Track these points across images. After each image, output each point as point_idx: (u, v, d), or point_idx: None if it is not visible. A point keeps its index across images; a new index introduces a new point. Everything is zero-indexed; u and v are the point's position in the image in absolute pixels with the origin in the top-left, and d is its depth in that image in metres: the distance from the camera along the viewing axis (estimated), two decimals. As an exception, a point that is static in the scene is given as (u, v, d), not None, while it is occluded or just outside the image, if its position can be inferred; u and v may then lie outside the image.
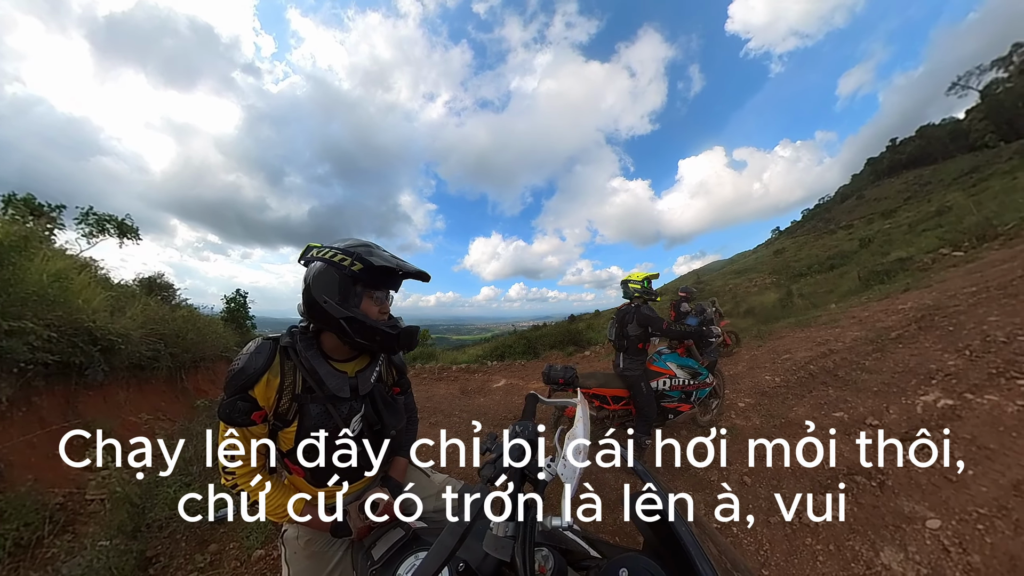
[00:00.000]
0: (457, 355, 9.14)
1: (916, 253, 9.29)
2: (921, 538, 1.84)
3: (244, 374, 0.86)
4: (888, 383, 3.48)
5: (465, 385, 6.30)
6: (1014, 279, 5.02)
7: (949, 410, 2.79)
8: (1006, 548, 1.70)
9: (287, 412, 0.91)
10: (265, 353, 0.89)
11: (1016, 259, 5.95)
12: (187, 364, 5.04)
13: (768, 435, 3.10)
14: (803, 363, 4.53)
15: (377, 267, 0.88)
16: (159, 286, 7.36)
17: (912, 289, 6.79)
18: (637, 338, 2.91)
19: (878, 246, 14.99)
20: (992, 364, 3.20)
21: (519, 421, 0.76)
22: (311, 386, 0.91)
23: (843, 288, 9.53)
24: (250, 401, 0.87)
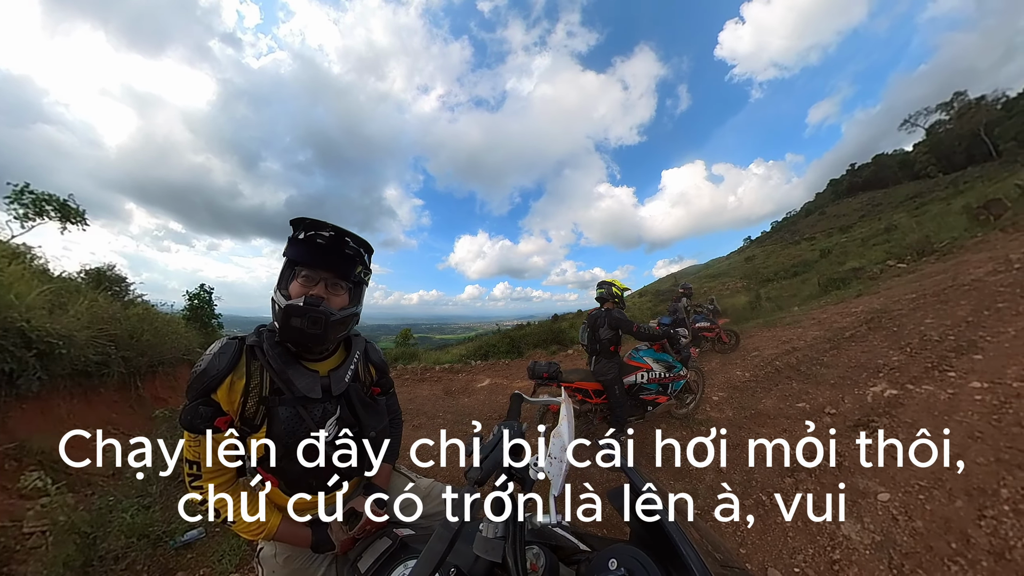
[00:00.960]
0: (440, 355, 8.97)
1: (867, 264, 10.29)
2: (874, 510, 2.03)
3: (206, 376, 0.79)
4: (843, 376, 3.82)
5: (449, 385, 6.21)
6: (946, 288, 5.65)
7: (894, 399, 3.10)
8: (942, 513, 1.91)
9: (254, 416, 0.83)
10: (229, 353, 0.82)
11: (948, 272, 6.70)
12: (143, 369, 4.42)
13: (740, 425, 3.30)
14: (770, 359, 4.85)
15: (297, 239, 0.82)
16: (110, 279, 6.36)
17: (863, 295, 7.48)
18: (609, 341, 3.02)
19: (836, 257, 16.48)
20: (928, 359, 3.61)
21: (505, 421, 0.75)
22: (279, 387, 0.84)
23: (805, 293, 10.34)
24: (213, 406, 0.80)
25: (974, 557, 1.65)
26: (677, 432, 3.33)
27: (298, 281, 0.83)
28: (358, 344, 1.02)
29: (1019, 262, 5.46)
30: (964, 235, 8.91)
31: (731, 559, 0.58)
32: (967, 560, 1.64)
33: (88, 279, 6.05)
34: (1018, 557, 1.60)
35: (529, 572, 0.53)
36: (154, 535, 2.21)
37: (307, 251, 0.82)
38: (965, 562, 1.64)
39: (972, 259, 6.96)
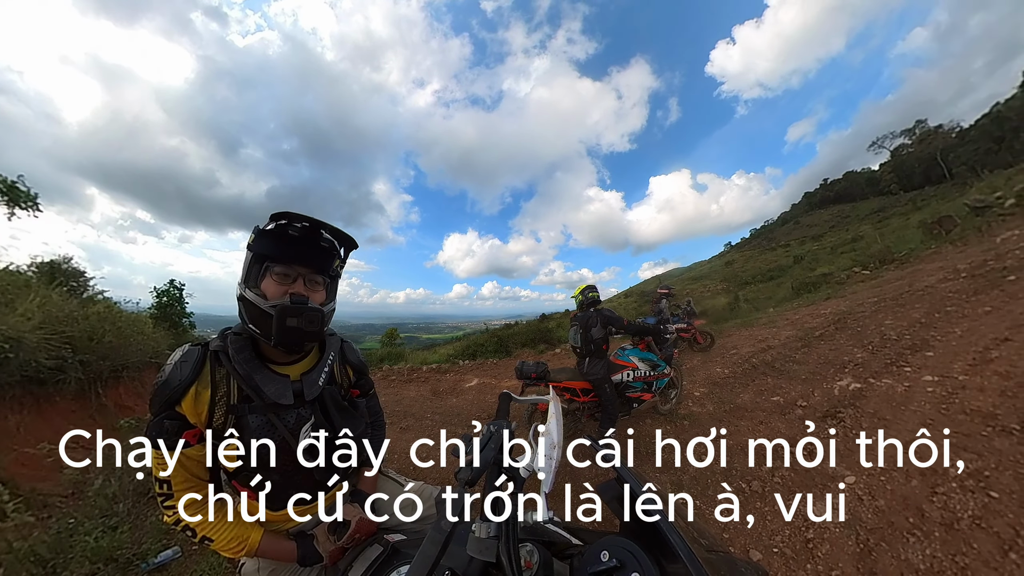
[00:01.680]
0: (427, 355, 8.81)
1: (835, 270, 10.99)
2: (840, 491, 2.17)
3: (168, 387, 0.74)
4: (813, 372, 4.07)
5: (436, 386, 6.14)
6: (903, 293, 6.13)
7: (858, 391, 3.34)
8: (901, 492, 2.07)
9: (224, 427, 0.78)
10: (191, 361, 0.77)
11: (905, 279, 7.26)
12: (105, 375, 3.96)
13: (720, 419, 3.44)
14: (747, 357, 5.11)
15: (263, 231, 0.75)
16: (66, 273, 5.68)
17: (832, 298, 7.99)
18: (601, 340, 3.08)
19: (808, 263, 17.54)
20: (887, 356, 3.91)
21: (493, 420, 0.74)
22: (248, 394, 0.79)
23: (779, 295, 10.97)
24: (178, 419, 0.75)
25: (928, 529, 1.80)
26: (662, 427, 3.44)
27: (273, 278, 0.77)
28: (332, 344, 0.95)
29: (966, 272, 5.98)
30: (920, 247, 9.69)
31: (715, 544, 0.61)
32: (923, 532, 1.80)
33: (40, 273, 5.44)
34: (964, 527, 1.77)
35: (523, 570, 0.53)
36: (123, 558, 2.02)
37: (280, 245, 0.76)
38: (921, 534, 1.79)
39: (926, 268, 7.57)
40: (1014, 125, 31.62)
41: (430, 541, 0.48)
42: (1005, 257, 5.86)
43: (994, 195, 9.73)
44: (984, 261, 6.10)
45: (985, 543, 1.67)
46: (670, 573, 0.48)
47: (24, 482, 2.60)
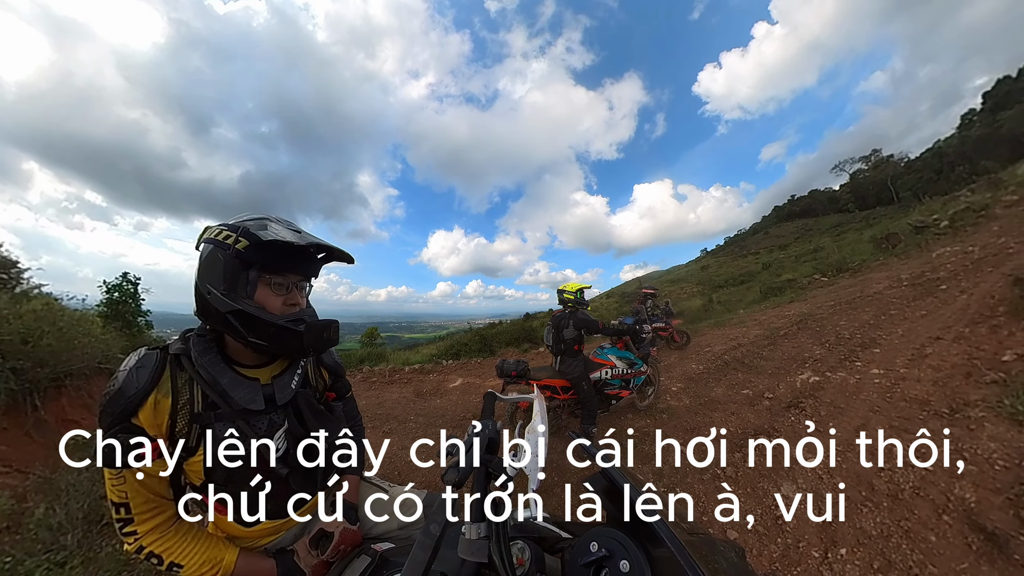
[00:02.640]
0: (410, 355, 8.60)
1: (799, 276, 11.95)
2: (805, 473, 2.37)
3: (123, 397, 0.66)
4: (778, 367, 4.39)
5: (419, 387, 6.03)
6: (856, 298, 6.74)
7: (817, 384, 3.64)
8: (856, 470, 2.30)
9: (188, 438, 0.72)
10: (149, 367, 0.70)
11: (857, 285, 7.98)
12: (43, 384, 3.38)
13: (696, 411, 3.63)
14: (720, 354, 5.40)
15: (266, 243, 0.69)
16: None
17: (795, 301, 8.63)
18: (573, 341, 3.12)
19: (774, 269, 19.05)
20: (842, 353, 4.30)
21: (479, 420, 0.73)
22: (214, 401, 0.74)
23: (749, 298, 11.70)
24: (136, 432, 0.67)
25: (878, 500, 2.02)
26: (642, 421, 3.58)
27: (270, 289, 0.75)
28: None
29: (907, 281, 6.68)
30: (870, 258, 10.70)
31: (696, 527, 0.63)
32: (873, 503, 2.01)
33: None
34: (907, 497, 2.00)
35: (516, 567, 0.53)
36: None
37: (274, 253, 0.73)
38: (872, 504, 2.00)
39: (875, 277, 8.35)
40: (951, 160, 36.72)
41: (419, 547, 0.46)
42: (939, 269, 6.60)
43: (932, 217, 11.00)
44: (922, 272, 6.83)
45: (924, 509, 1.89)
46: (656, 558, 0.50)
47: None
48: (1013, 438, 2.21)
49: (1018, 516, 1.72)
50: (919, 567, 1.61)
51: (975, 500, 1.86)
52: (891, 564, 1.65)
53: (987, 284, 4.86)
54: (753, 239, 64.64)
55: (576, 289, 3.28)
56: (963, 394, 2.79)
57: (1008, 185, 10.95)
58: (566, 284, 3.35)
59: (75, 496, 2.43)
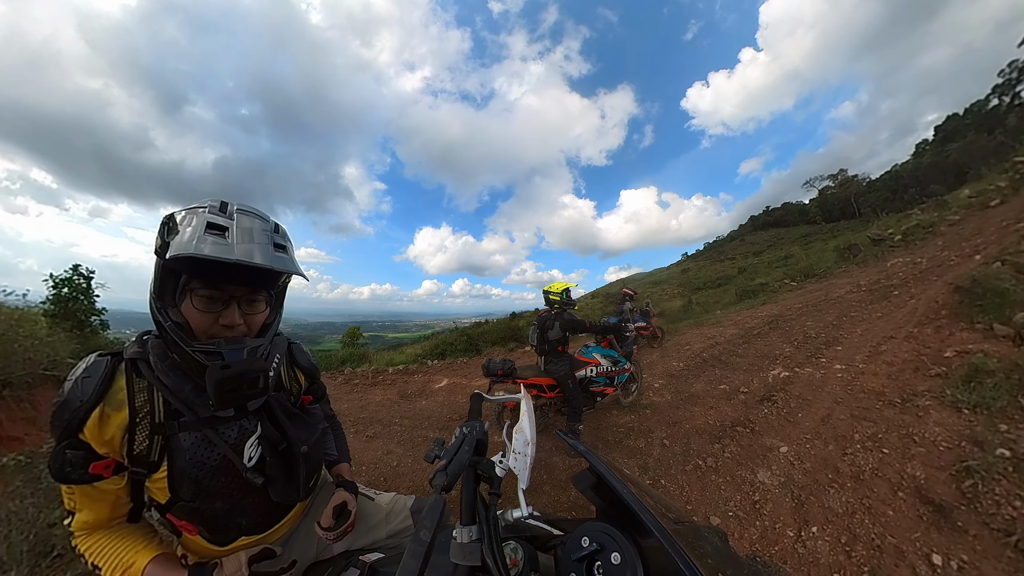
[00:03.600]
0: (394, 355, 8.35)
1: (771, 281, 12.72)
2: (778, 459, 2.53)
3: (67, 410, 0.60)
4: (752, 364, 4.65)
5: (404, 388, 5.89)
6: (821, 301, 7.25)
7: (787, 379, 3.88)
8: (822, 455, 2.47)
9: (148, 452, 0.64)
10: (97, 376, 0.62)
11: (822, 290, 8.60)
12: None
13: (677, 406, 3.77)
14: (699, 352, 5.65)
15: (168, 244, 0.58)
16: None
17: (767, 303, 9.15)
18: (557, 341, 3.15)
19: (749, 274, 19.98)
20: (808, 350, 4.61)
21: (466, 422, 0.72)
22: (177, 408, 0.66)
23: (726, 300, 12.27)
24: (83, 448, 0.61)
25: (843, 482, 2.18)
26: (626, 417, 3.68)
27: (194, 304, 0.62)
28: (278, 346, 0.83)
29: (865, 286, 7.27)
30: (834, 266, 11.57)
31: (681, 516, 0.66)
32: (839, 485, 2.17)
33: None
34: (867, 477, 2.17)
35: (509, 568, 0.53)
36: None
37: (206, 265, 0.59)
38: (838, 486, 2.16)
39: (838, 282, 9.02)
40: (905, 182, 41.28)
41: (410, 554, 0.44)
42: (892, 277, 7.23)
43: (888, 231, 12.09)
44: (878, 279, 7.45)
45: (882, 488, 2.07)
46: (646, 548, 0.51)
47: None
48: (954, 423, 2.45)
49: (959, 490, 1.92)
50: (880, 539, 1.76)
51: (924, 477, 2.05)
52: (856, 538, 1.79)
53: (932, 291, 5.35)
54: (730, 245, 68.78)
55: (561, 289, 3.29)
56: (912, 385, 3.07)
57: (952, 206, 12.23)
58: (551, 284, 3.34)
59: (18, 526, 2.05)
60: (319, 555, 0.91)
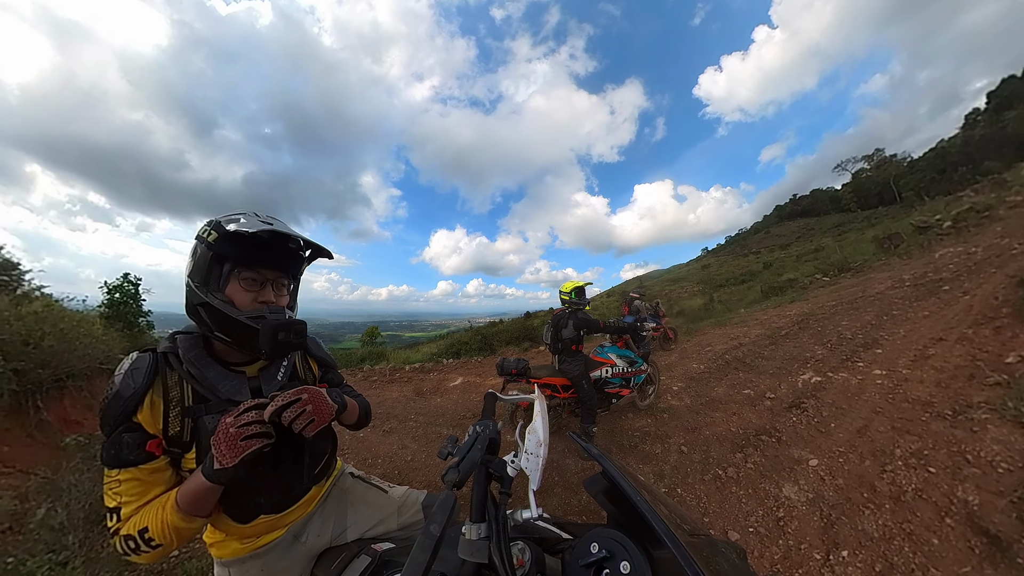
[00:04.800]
0: (410, 354, 8.60)
1: (800, 276, 11.92)
2: (806, 473, 2.37)
3: (121, 399, 0.68)
4: (780, 367, 4.38)
5: (420, 386, 6.03)
6: (858, 298, 6.71)
7: (818, 384, 3.63)
8: (856, 471, 2.28)
9: (181, 433, 0.73)
10: (143, 368, 0.71)
11: (859, 286, 7.95)
12: (45, 385, 3.41)
13: (697, 411, 3.62)
14: (721, 354, 5.39)
15: (231, 234, 0.69)
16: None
17: (796, 301, 8.60)
18: (571, 340, 3.11)
19: (776, 269, 19.03)
20: (843, 353, 4.28)
21: (479, 421, 0.73)
22: (203, 394, 0.75)
23: (750, 298, 11.67)
24: (138, 430, 0.69)
25: (880, 503, 2.00)
26: (643, 420, 3.57)
27: (241, 284, 0.74)
28: None
29: (909, 281, 6.65)
30: (872, 258, 10.66)
31: (697, 528, 0.63)
32: (875, 505, 1.99)
33: None
34: (910, 499, 1.98)
35: (516, 568, 0.53)
36: None
37: (247, 247, 0.73)
38: (874, 506, 1.99)
39: (877, 277, 8.32)
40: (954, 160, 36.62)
41: (419, 547, 0.46)
42: (941, 270, 6.58)
43: (935, 217, 10.96)
44: (924, 273, 6.81)
45: (926, 511, 1.88)
46: (657, 559, 0.49)
47: None
48: (1017, 441, 2.19)
49: (1021, 519, 1.71)
50: (921, 570, 1.60)
51: (978, 503, 1.85)
52: (893, 567, 1.64)
53: (990, 285, 4.83)
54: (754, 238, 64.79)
55: (571, 288, 3.26)
56: (966, 396, 2.77)
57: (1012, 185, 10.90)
58: (564, 285, 3.33)
59: (76, 496, 2.46)
60: (333, 541, 0.96)
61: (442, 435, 3.99)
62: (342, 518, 0.98)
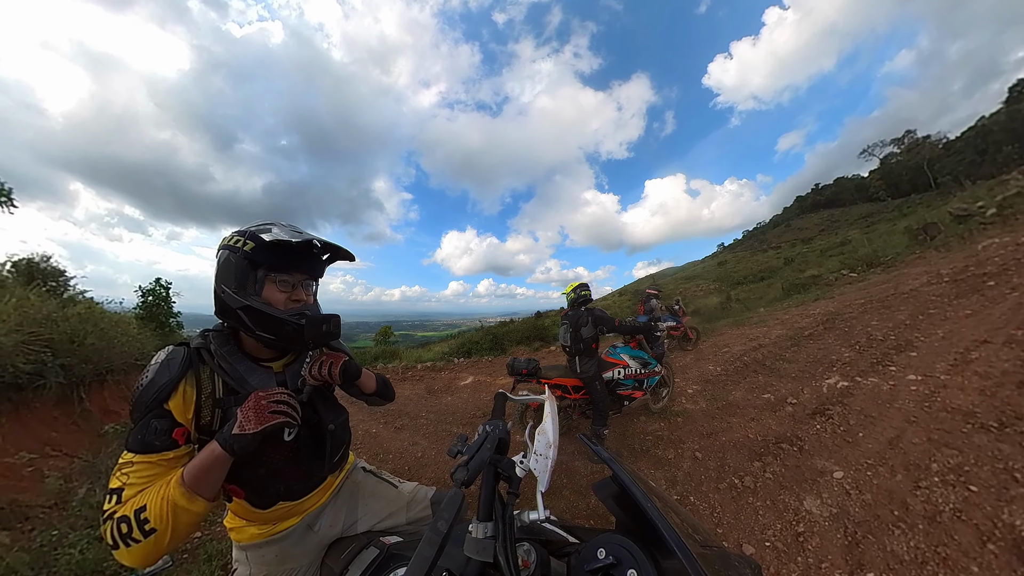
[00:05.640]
0: (422, 353, 8.78)
1: (825, 272, 11.26)
2: (830, 486, 2.24)
3: (155, 386, 0.73)
4: (803, 370, 4.16)
5: (431, 384, 6.11)
6: (889, 296, 6.30)
7: (845, 390, 3.42)
8: (886, 486, 2.14)
9: (211, 423, 0.78)
10: (178, 360, 0.76)
11: (891, 282, 7.47)
12: (88, 378, 3.81)
13: (713, 416, 3.50)
14: (739, 355, 5.19)
15: (269, 243, 0.77)
16: (45, 273, 5.55)
17: (820, 299, 8.17)
18: (591, 339, 3.07)
19: (798, 265, 18.13)
20: (873, 356, 4.01)
21: (489, 420, 0.74)
22: (233, 387, 0.81)
23: (770, 296, 11.18)
24: (168, 416, 0.73)
25: (912, 522, 1.86)
26: (655, 424, 3.49)
27: (276, 287, 0.82)
28: None
29: (948, 276, 6.18)
30: (905, 252, 9.99)
31: (710, 539, 0.61)
32: (907, 524, 1.86)
33: (17, 272, 5.28)
34: (946, 520, 1.83)
35: (521, 569, 0.53)
36: (110, 571, 1.96)
37: (280, 253, 0.80)
38: (905, 526, 1.85)
39: (911, 272, 7.80)
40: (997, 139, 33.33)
41: (426, 542, 0.47)
42: (985, 264, 6.07)
43: (976, 204, 10.10)
44: (966, 267, 6.31)
45: (965, 535, 1.74)
46: (666, 569, 0.48)
47: (3, 493, 2.50)
48: (1073, 458, 2.01)
49: (1078, 548, 1.56)
50: (959, 599, 1.49)
51: (1027, 527, 1.70)
52: (927, 594, 1.54)
53: (1044, 281, 4.45)
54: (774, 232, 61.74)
55: (577, 285, 3.28)
56: (1015, 406, 2.54)
57: None
58: (572, 283, 3.34)
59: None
60: (344, 532, 1.01)
61: (452, 433, 4.03)
62: (353, 510, 1.03)
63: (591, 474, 2.76)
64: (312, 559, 0.96)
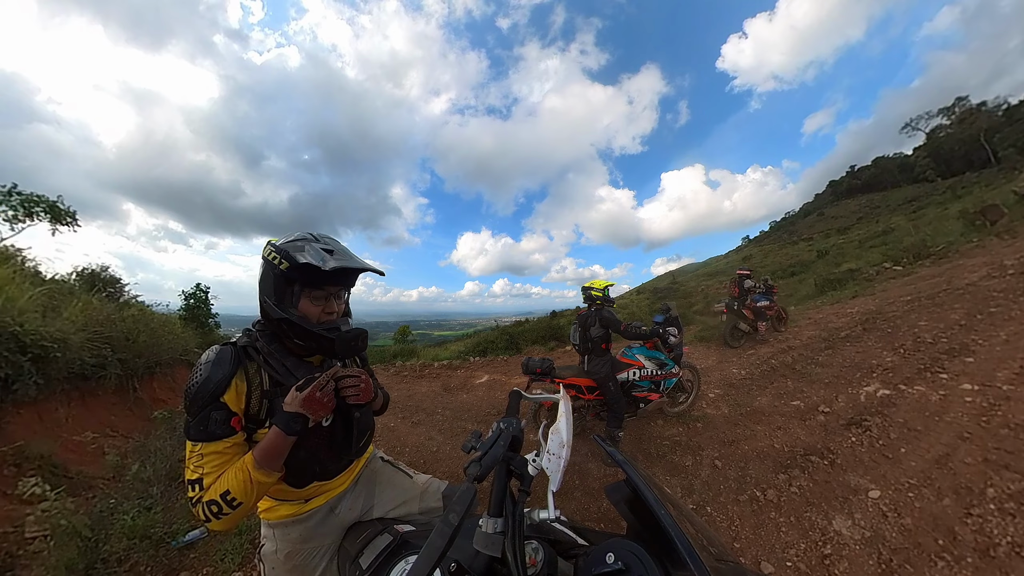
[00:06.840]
0: (439, 351, 8.97)
1: (864, 265, 10.32)
2: (865, 506, 2.08)
3: (211, 383, 0.81)
4: (837, 376, 3.87)
5: (447, 382, 6.24)
6: (940, 292, 5.71)
7: (886, 399, 3.15)
8: (931, 511, 1.95)
9: (259, 412, 0.87)
10: (228, 359, 0.84)
11: (943, 275, 6.76)
12: (140, 371, 4.42)
13: (736, 422, 3.34)
14: (766, 358, 4.91)
15: (301, 265, 0.83)
16: (104, 281, 6.39)
17: (859, 296, 7.54)
18: (600, 339, 3.04)
19: (832, 258, 16.58)
20: (921, 361, 3.65)
21: (503, 418, 0.75)
22: (279, 380, 0.89)
23: (801, 293, 10.43)
24: (224, 408, 0.82)
25: (960, 554, 1.69)
26: (673, 428, 3.38)
27: (310, 301, 0.89)
28: None
29: (1013, 268, 5.52)
30: (960, 240, 8.99)
31: (725, 553, 0.59)
32: (953, 556, 1.68)
33: (81, 281, 6.05)
34: (1002, 555, 1.64)
35: (528, 567, 0.54)
36: (156, 536, 2.23)
37: (314, 272, 0.85)
38: (951, 558, 1.68)
39: (967, 264, 7.04)
40: None
41: (438, 533, 0.48)
42: (1060, 253, 5.38)
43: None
44: (1035, 257, 5.63)
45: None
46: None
47: (72, 466, 2.94)
48: None
49: None
50: (1015, 646, 1.34)
51: (1102, 568, 1.51)
52: (975, 636, 1.39)
53: None
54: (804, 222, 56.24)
55: (603, 286, 3.22)
56: (1091, 424, 2.26)
57: None
58: (593, 281, 3.26)
59: (161, 458, 3.15)
60: (361, 516, 1.09)
61: (467, 429, 4.10)
62: (370, 496, 1.11)
63: (604, 477, 2.73)
64: (332, 540, 1.04)
